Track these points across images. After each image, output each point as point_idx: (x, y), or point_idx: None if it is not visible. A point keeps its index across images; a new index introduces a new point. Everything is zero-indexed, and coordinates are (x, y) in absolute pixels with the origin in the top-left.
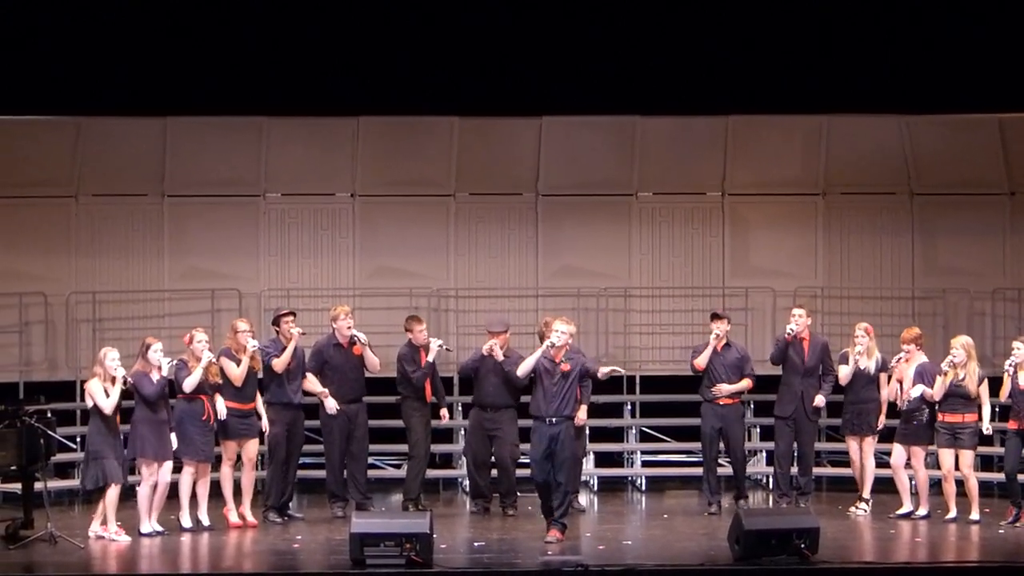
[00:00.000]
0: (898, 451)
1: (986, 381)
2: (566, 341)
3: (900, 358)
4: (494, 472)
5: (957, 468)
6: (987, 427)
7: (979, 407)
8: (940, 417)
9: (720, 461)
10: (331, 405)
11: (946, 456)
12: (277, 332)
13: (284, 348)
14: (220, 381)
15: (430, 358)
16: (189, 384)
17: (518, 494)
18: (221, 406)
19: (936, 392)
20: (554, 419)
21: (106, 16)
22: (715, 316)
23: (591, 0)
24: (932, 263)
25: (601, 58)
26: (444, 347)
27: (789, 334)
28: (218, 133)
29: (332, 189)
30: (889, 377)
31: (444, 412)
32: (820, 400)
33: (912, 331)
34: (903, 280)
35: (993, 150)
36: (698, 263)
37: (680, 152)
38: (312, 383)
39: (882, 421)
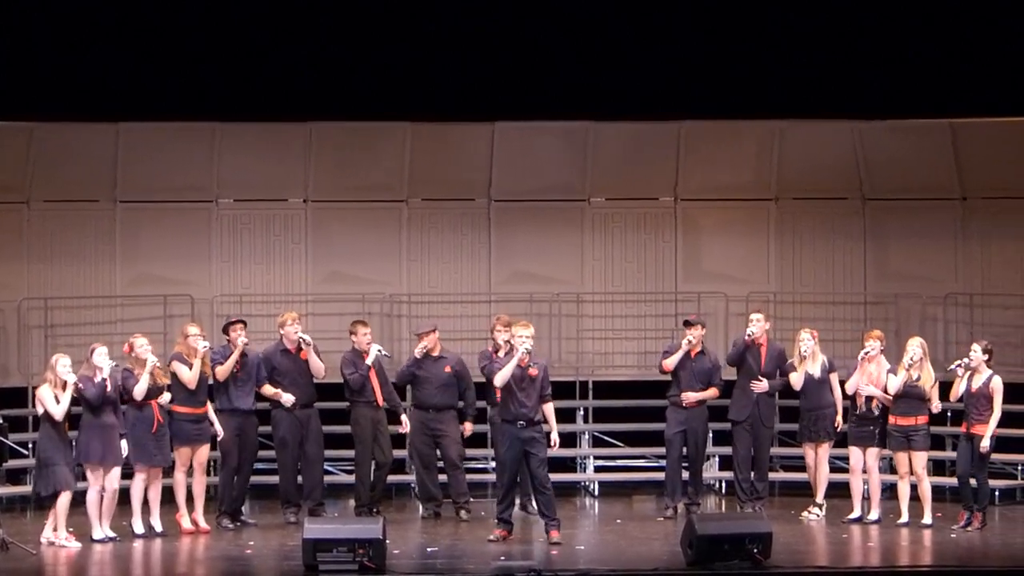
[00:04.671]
0: (856, 455)
1: (937, 384)
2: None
3: (867, 353)
4: (442, 477)
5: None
6: (936, 405)
7: (929, 410)
8: (892, 420)
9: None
10: (288, 398)
11: (900, 459)
12: (228, 340)
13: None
14: (168, 382)
15: (368, 362)
16: (139, 391)
17: (470, 498)
18: (165, 398)
19: (893, 389)
20: (524, 423)
21: (58, 21)
22: (688, 323)
23: (543, 6)
24: (884, 268)
25: (553, 63)
26: (383, 352)
27: (749, 337)
28: (170, 139)
29: (285, 195)
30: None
31: (404, 419)
32: (763, 385)
33: (877, 332)
34: (855, 285)
35: (945, 155)
36: (651, 268)
37: (633, 157)
38: (265, 388)
39: (839, 424)
